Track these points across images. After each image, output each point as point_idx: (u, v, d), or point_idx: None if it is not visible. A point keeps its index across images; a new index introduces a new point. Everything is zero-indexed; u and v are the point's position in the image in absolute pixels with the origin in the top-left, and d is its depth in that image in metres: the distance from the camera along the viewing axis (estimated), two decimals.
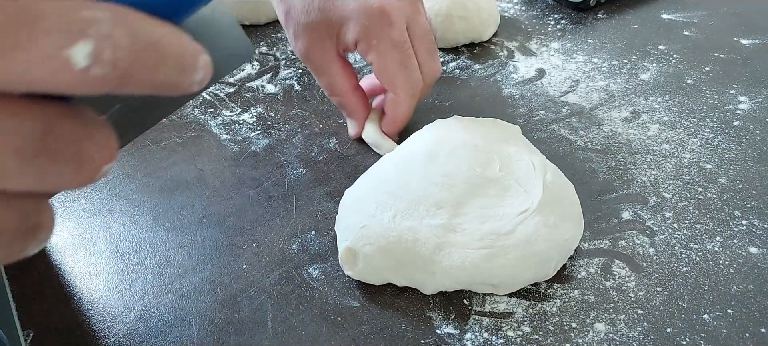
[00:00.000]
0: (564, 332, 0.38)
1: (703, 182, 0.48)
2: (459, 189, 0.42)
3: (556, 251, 0.40)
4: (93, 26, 0.15)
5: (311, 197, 0.49)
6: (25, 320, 0.41)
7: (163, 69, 0.17)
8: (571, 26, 0.70)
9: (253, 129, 0.57)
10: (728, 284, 0.40)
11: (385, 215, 0.41)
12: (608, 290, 0.40)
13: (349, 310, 0.40)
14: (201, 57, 0.18)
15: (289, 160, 0.53)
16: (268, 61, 0.67)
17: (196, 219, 0.48)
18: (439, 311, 0.40)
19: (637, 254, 0.42)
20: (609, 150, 0.52)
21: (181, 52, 0.17)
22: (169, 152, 0.55)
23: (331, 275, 0.42)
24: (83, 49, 0.15)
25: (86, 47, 0.15)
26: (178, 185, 0.51)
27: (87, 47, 0.15)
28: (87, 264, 0.45)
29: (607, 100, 0.58)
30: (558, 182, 0.44)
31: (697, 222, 0.44)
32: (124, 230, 0.47)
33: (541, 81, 0.61)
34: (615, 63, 0.63)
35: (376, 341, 0.38)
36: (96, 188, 0.51)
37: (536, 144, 0.52)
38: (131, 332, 0.40)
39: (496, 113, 0.57)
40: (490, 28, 0.67)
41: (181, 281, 0.43)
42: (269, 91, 0.62)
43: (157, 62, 0.17)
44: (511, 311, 0.39)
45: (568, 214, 0.42)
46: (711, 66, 0.61)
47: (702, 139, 0.52)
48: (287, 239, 0.45)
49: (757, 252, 0.42)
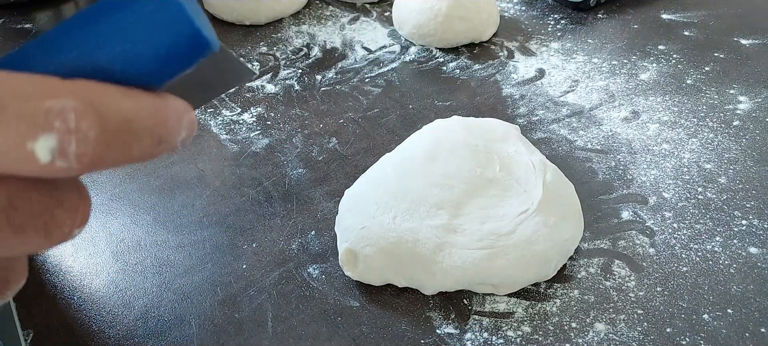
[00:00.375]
0: (564, 332, 0.38)
1: (703, 182, 0.48)
2: (459, 189, 0.42)
3: (557, 251, 0.40)
4: (58, 118, 0.14)
5: (311, 197, 0.49)
6: (25, 320, 0.41)
7: (137, 146, 0.16)
8: (571, 26, 0.70)
9: (253, 129, 0.57)
10: (728, 284, 0.40)
11: (386, 216, 0.41)
12: (608, 290, 0.40)
13: (349, 310, 0.40)
14: (184, 118, 0.17)
15: (289, 160, 0.53)
16: (268, 61, 0.67)
17: (196, 219, 0.48)
18: (439, 311, 0.40)
19: (637, 254, 0.42)
20: (609, 150, 0.52)
21: (159, 124, 0.16)
22: (169, 152, 0.55)
23: (331, 275, 0.42)
24: (46, 144, 0.14)
25: (49, 142, 0.14)
26: (178, 184, 0.51)
27: (50, 142, 0.14)
28: (87, 264, 0.45)
29: (606, 100, 0.58)
30: (558, 181, 0.44)
31: (697, 222, 0.44)
32: (124, 230, 0.47)
33: (541, 81, 0.61)
34: (615, 63, 0.63)
35: (376, 341, 0.38)
36: (96, 188, 0.51)
37: (536, 144, 0.52)
38: (131, 332, 0.40)
39: (496, 113, 0.57)
40: (490, 28, 0.67)
41: (181, 281, 0.43)
42: (269, 91, 0.62)
43: (129, 142, 0.15)
44: (511, 311, 0.39)
45: (568, 214, 0.42)
46: (711, 66, 0.61)
47: (702, 139, 0.52)
48: (287, 239, 0.45)
49: (757, 252, 0.42)
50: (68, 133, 0.14)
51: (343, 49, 0.68)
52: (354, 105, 0.59)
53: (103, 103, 0.15)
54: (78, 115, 0.14)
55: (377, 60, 0.66)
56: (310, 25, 0.73)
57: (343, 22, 0.73)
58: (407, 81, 0.63)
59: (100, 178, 0.52)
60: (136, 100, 0.16)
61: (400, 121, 0.57)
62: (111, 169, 0.16)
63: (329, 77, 0.64)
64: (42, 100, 0.14)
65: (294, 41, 0.70)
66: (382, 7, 0.76)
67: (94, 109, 0.15)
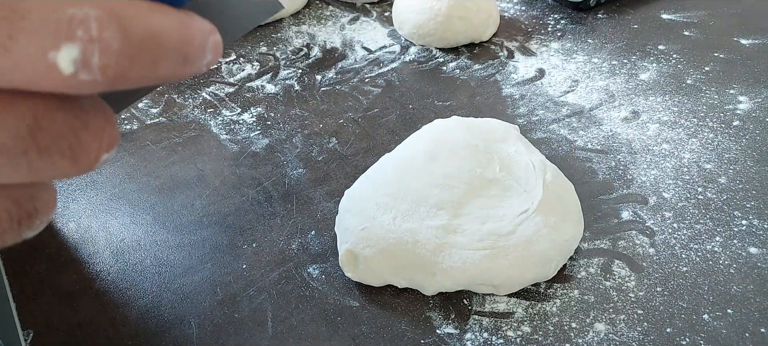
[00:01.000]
0: (564, 332, 0.38)
1: (703, 182, 0.48)
2: (459, 190, 0.42)
3: (557, 251, 0.40)
4: (80, 27, 0.14)
5: (311, 197, 0.49)
6: (25, 320, 0.41)
7: (163, 63, 0.15)
8: (571, 26, 0.70)
9: (253, 129, 0.57)
10: (728, 284, 0.40)
11: (386, 216, 0.41)
12: (608, 290, 0.40)
13: (348, 310, 0.40)
14: (210, 39, 0.16)
15: (289, 160, 0.53)
16: (268, 61, 0.67)
17: (196, 219, 0.48)
18: (439, 311, 0.40)
19: (637, 254, 0.42)
20: (609, 150, 0.52)
21: (185, 41, 0.16)
22: (169, 152, 0.55)
23: (330, 275, 0.42)
24: (68, 54, 0.14)
25: (71, 52, 0.14)
26: (178, 184, 0.51)
27: (73, 52, 0.14)
28: (87, 264, 0.45)
29: (606, 100, 0.58)
30: (558, 181, 0.44)
31: (697, 222, 0.44)
32: (123, 230, 0.47)
33: (541, 81, 0.61)
34: (615, 63, 0.63)
35: (376, 341, 0.38)
36: (96, 187, 0.51)
37: (536, 144, 0.52)
38: (131, 332, 0.40)
39: (496, 113, 0.57)
40: (490, 28, 0.67)
41: (181, 281, 0.43)
42: (269, 91, 0.62)
43: (155, 58, 0.15)
44: (511, 311, 0.39)
45: (568, 214, 0.42)
46: (711, 66, 0.61)
47: (702, 139, 0.52)
48: (287, 239, 0.45)
49: (757, 252, 0.42)
50: (91, 43, 0.14)
51: (343, 49, 0.68)
52: (354, 105, 0.59)
53: (127, 14, 0.14)
54: (101, 24, 0.14)
55: (377, 60, 0.66)
56: (310, 25, 0.73)
57: (343, 22, 0.73)
58: (407, 81, 0.63)
59: (99, 178, 0.52)
60: (162, 13, 0.15)
61: (400, 121, 0.57)
62: (138, 85, 0.15)
63: (329, 77, 0.64)
64: (64, 9, 0.14)
65: (294, 41, 0.70)
66: (382, 7, 0.76)
67: (118, 19, 0.14)
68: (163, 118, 0.59)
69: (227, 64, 0.66)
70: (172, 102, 0.61)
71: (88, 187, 0.51)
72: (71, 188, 0.51)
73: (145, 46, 0.15)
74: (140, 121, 0.59)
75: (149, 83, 0.16)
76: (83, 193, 0.51)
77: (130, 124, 0.58)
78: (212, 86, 0.63)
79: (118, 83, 0.15)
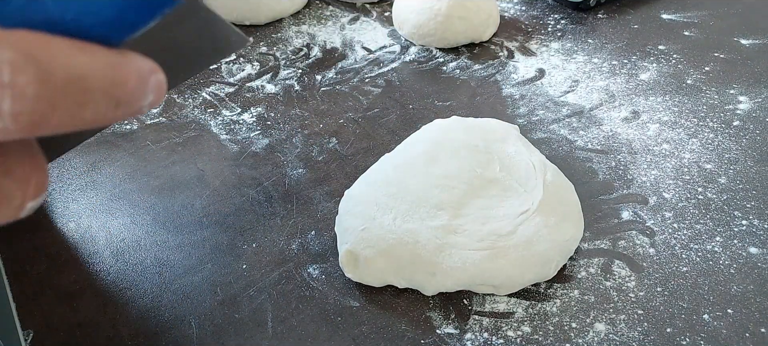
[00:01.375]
0: (564, 332, 0.38)
1: (703, 182, 0.48)
2: (459, 190, 0.42)
3: (557, 251, 0.40)
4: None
5: (311, 197, 0.49)
6: (25, 320, 0.41)
7: (90, 108, 0.14)
8: (571, 26, 0.70)
9: (253, 129, 0.57)
10: (728, 284, 0.40)
11: (386, 217, 0.41)
12: (608, 290, 0.40)
13: (349, 310, 0.40)
14: (151, 79, 0.15)
15: (289, 160, 0.53)
16: (268, 61, 0.67)
17: (196, 219, 0.48)
18: (439, 312, 0.40)
19: (637, 254, 0.42)
20: (609, 150, 0.52)
21: (116, 83, 0.14)
22: (169, 152, 0.55)
23: (331, 275, 0.42)
24: None
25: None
26: (178, 184, 0.51)
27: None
28: (87, 264, 0.45)
29: (607, 100, 0.58)
30: (558, 181, 0.44)
31: (697, 222, 0.44)
32: (123, 230, 0.47)
33: (541, 81, 0.61)
34: (615, 63, 0.63)
35: (376, 341, 0.38)
36: (96, 187, 0.51)
37: (536, 144, 0.52)
38: (131, 332, 0.40)
39: (496, 113, 0.57)
40: (490, 28, 0.67)
41: (181, 281, 0.43)
42: (269, 91, 0.62)
43: (80, 102, 0.14)
44: (511, 311, 0.39)
45: (568, 214, 0.42)
46: (711, 66, 0.61)
47: (702, 139, 0.52)
48: (287, 239, 0.45)
49: (757, 252, 0.42)
50: (2, 89, 0.13)
51: (343, 49, 0.68)
52: (354, 105, 0.59)
53: (47, 57, 0.13)
54: (15, 67, 0.13)
55: (377, 60, 0.66)
56: (310, 25, 0.73)
57: (343, 22, 0.73)
58: (407, 81, 0.63)
59: (99, 178, 0.52)
60: (89, 54, 0.14)
61: (400, 121, 0.57)
62: (62, 131, 0.14)
63: (329, 77, 0.64)
64: None
65: (294, 41, 0.70)
66: (382, 7, 0.76)
67: (36, 63, 0.13)
68: (163, 118, 0.59)
69: (227, 64, 0.66)
70: (172, 102, 0.61)
71: (88, 187, 0.51)
72: (71, 188, 0.51)
73: (68, 90, 0.13)
74: (140, 121, 0.58)
75: (79, 128, 0.14)
76: (83, 193, 0.51)
77: (130, 124, 0.58)
78: (212, 86, 0.63)
79: (38, 130, 0.14)
